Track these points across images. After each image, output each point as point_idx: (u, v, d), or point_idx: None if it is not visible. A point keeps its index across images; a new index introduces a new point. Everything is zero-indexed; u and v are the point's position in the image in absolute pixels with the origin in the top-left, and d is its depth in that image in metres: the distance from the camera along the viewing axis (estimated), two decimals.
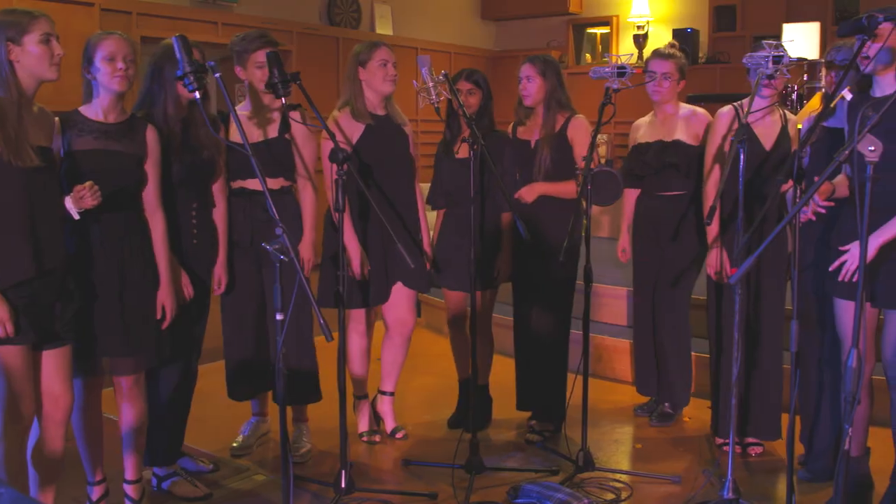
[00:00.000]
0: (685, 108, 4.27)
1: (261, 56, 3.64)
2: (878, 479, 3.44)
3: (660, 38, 10.27)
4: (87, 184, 2.83)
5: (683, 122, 4.20)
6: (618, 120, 4.06)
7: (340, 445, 3.39)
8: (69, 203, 2.84)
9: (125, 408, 3.23)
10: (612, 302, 5.48)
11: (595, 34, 11.19)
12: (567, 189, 4.02)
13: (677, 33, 10.01)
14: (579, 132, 4.03)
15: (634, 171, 4.30)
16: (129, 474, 3.31)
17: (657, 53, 4.27)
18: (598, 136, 3.81)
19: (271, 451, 4.01)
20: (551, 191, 4.03)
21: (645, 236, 4.33)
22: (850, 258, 3.04)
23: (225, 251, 3.64)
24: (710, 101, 8.11)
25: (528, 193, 4.02)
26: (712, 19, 10.16)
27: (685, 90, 4.39)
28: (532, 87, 4.05)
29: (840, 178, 3.22)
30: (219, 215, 3.60)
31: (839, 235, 3.21)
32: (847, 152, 2.48)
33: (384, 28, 9.92)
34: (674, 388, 4.36)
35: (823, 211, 3.13)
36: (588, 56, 11.16)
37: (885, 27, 2.91)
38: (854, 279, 3.01)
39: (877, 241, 3.00)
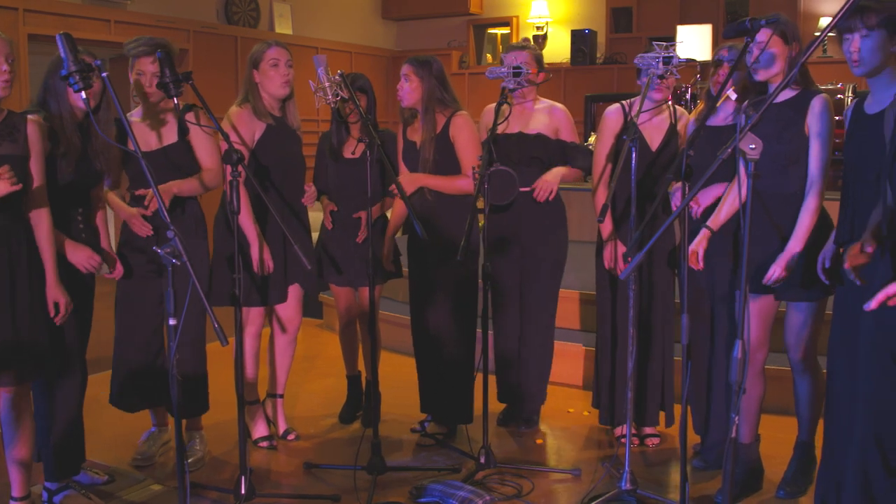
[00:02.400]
0: (544, 101, 4.20)
1: (140, 64, 3.62)
2: (767, 465, 3.57)
3: (559, 38, 10.45)
4: (4, 167, 2.72)
5: (545, 114, 4.13)
6: None
7: (240, 451, 3.34)
8: None
9: (10, 420, 3.10)
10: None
11: (496, 34, 11.31)
12: (448, 183, 3.95)
13: (576, 34, 10.21)
14: (461, 131, 3.94)
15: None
16: (16, 491, 3.18)
17: (510, 47, 4.21)
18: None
19: (170, 460, 3.91)
20: (430, 183, 3.96)
21: (506, 236, 4.16)
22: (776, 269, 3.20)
23: (108, 240, 3.55)
24: (608, 100, 8.28)
25: (409, 184, 3.96)
26: (610, 21, 10.38)
27: (579, 88, 4.41)
28: (407, 87, 3.96)
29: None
30: (100, 218, 3.53)
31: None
32: (729, 150, 2.56)
33: (284, 27, 9.80)
34: (535, 395, 4.29)
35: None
36: (489, 56, 11.27)
37: (763, 34, 3.05)
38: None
39: (797, 246, 3.17)
